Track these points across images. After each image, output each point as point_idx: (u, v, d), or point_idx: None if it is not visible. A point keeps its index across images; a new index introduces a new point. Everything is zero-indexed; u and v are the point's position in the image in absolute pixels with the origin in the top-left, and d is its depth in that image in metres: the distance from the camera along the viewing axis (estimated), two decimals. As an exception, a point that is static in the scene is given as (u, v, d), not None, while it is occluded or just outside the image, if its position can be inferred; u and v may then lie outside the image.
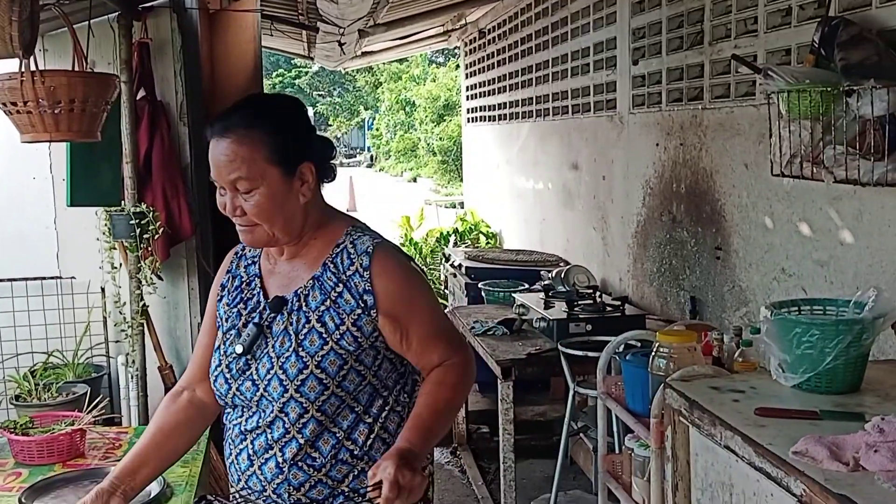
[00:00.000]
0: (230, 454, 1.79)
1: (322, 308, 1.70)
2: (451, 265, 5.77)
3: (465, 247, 7.19)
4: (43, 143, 3.88)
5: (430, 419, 1.69)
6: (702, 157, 3.73)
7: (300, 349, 1.68)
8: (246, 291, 1.81)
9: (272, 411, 1.69)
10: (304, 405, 1.66)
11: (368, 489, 1.56)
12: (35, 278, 3.95)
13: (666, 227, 4.10)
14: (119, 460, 2.34)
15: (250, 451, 1.73)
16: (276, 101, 1.80)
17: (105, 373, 3.97)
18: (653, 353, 2.52)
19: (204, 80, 4.34)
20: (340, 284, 1.70)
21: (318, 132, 1.79)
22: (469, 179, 9.58)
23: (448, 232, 7.71)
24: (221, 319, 1.82)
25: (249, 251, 1.86)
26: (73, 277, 4.00)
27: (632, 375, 2.69)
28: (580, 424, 4.35)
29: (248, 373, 1.72)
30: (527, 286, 4.84)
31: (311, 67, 31.35)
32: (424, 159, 23.54)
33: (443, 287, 7.28)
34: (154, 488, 2.13)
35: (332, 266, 1.72)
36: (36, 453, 2.34)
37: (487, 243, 7.60)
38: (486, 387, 5.28)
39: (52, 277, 3.98)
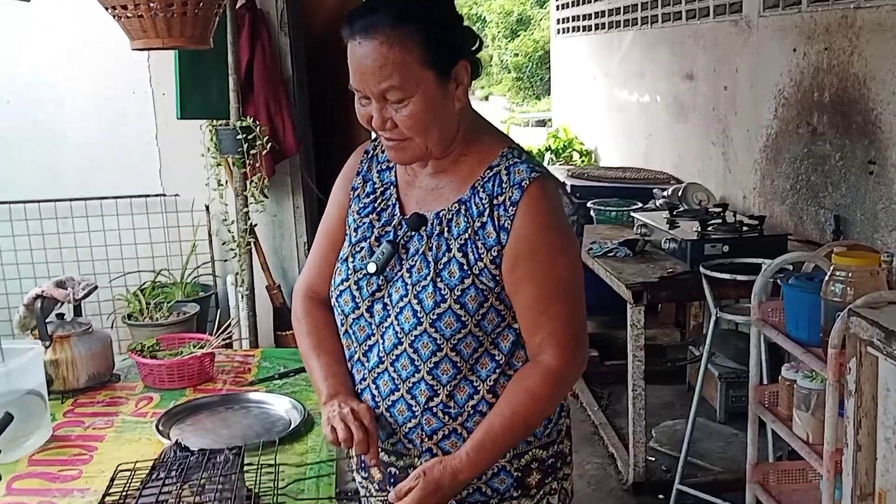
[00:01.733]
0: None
1: (465, 237, 1.48)
2: (554, 183, 5.51)
3: (560, 164, 6.90)
4: (142, 56, 3.74)
5: (501, 438, 1.47)
6: (852, 63, 3.37)
7: (438, 280, 1.47)
8: (380, 201, 1.59)
9: (398, 344, 1.50)
10: (438, 342, 1.47)
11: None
12: (139, 196, 3.85)
13: (804, 140, 3.76)
14: (250, 384, 2.26)
15: (374, 392, 1.55)
16: None
17: (213, 292, 3.88)
18: (827, 277, 2.26)
19: (301, -14, 4.12)
20: (486, 214, 1.47)
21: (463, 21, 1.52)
22: (559, 95, 9.21)
23: (541, 150, 7.41)
24: (350, 228, 1.61)
25: (383, 153, 1.61)
26: (176, 195, 3.89)
27: (796, 301, 2.44)
28: (701, 350, 4.13)
29: (379, 295, 1.53)
30: (640, 205, 4.58)
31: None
32: (498, 77, 23.01)
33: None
34: (295, 417, 2.00)
35: (481, 191, 1.48)
36: (166, 377, 2.23)
37: (582, 161, 7.29)
38: (595, 310, 5.07)
39: (155, 195, 3.88)
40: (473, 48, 1.50)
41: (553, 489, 1.59)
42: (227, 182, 3.70)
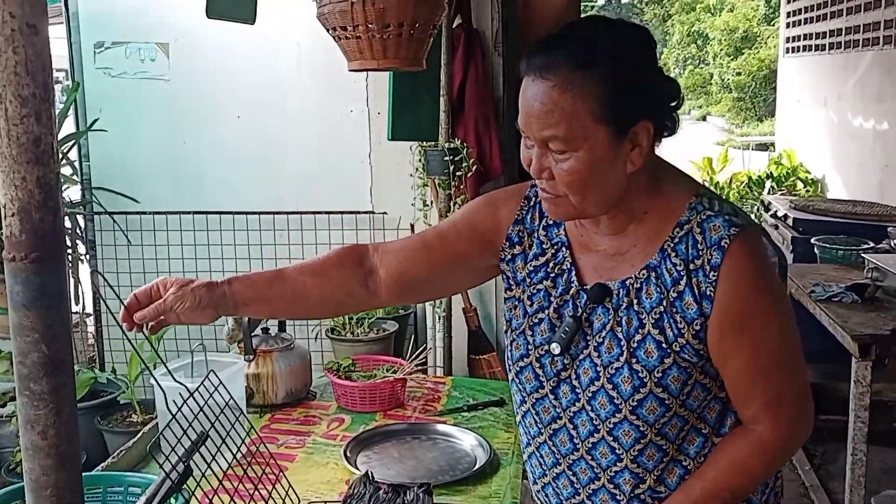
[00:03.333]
0: (543, 474, 1.47)
1: (659, 309, 1.30)
2: (773, 215, 5.14)
3: (782, 194, 6.45)
4: (361, 76, 3.85)
5: (698, 497, 1.34)
6: None
7: (633, 360, 1.31)
8: (552, 266, 1.41)
9: (594, 431, 1.36)
10: (641, 429, 1.33)
11: None
12: (350, 212, 3.97)
13: None
14: (438, 414, 2.23)
15: (572, 478, 1.42)
16: (618, 32, 1.28)
17: (412, 311, 3.92)
18: None
19: (518, 5, 4.08)
20: (682, 282, 1.28)
21: (663, 73, 1.30)
22: (784, 118, 8.66)
23: (760, 176, 6.97)
24: (523, 294, 1.43)
25: None
26: (384, 213, 3.97)
27: None
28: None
29: (565, 375, 1.38)
30: (872, 244, 4.16)
31: (597, 1, 30.56)
32: (717, 96, 22.16)
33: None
34: (481, 456, 1.94)
35: (672, 255, 1.30)
36: (358, 400, 2.25)
37: (806, 190, 6.79)
38: (811, 356, 4.64)
39: (365, 212, 3.98)
40: (670, 106, 1.30)
41: None
42: (432, 202, 3.73)
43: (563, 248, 1.42)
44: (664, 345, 1.30)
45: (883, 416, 4.18)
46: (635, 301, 1.33)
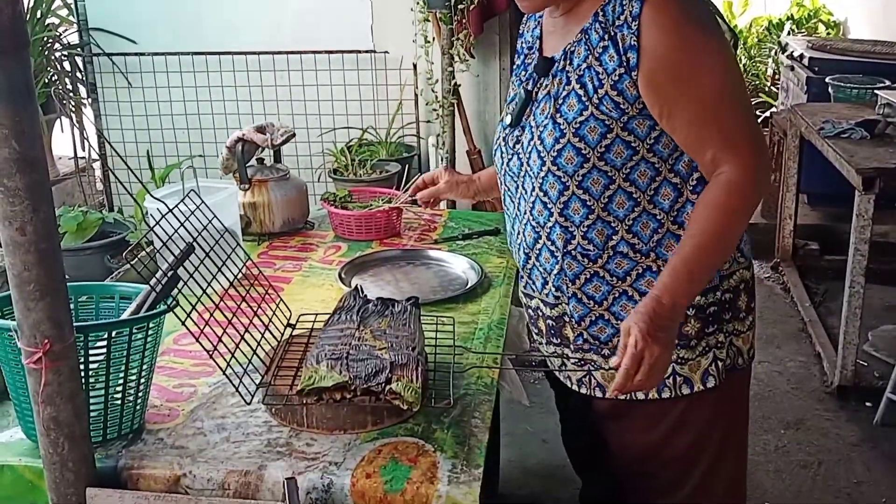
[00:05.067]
0: (512, 252, 1.65)
1: (583, 66, 1.40)
2: (789, 56, 4.99)
3: (802, 36, 6.24)
4: None
5: (695, 258, 1.36)
6: None
7: (558, 115, 1.42)
8: (528, 56, 1.57)
9: (533, 189, 1.49)
10: (563, 180, 1.44)
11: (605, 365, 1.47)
12: (350, 51, 3.88)
13: None
14: (433, 242, 2.25)
15: (524, 244, 1.56)
16: None
17: (415, 153, 3.91)
18: None
19: None
20: (606, 37, 1.37)
21: None
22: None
23: (780, 19, 6.73)
24: (510, 93, 1.60)
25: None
26: (386, 52, 3.88)
27: None
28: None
29: (517, 148, 1.52)
30: (888, 83, 4.05)
31: None
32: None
33: (769, 84, 6.47)
34: (472, 277, 1.97)
35: (601, 15, 1.38)
36: (354, 228, 2.27)
37: (827, 33, 6.56)
38: (819, 198, 4.66)
39: (366, 51, 3.89)
40: None
41: (719, 342, 1.49)
42: (433, 39, 3.64)
43: (537, 41, 1.55)
44: (584, 98, 1.39)
45: (888, 256, 4.20)
46: (568, 63, 1.44)
